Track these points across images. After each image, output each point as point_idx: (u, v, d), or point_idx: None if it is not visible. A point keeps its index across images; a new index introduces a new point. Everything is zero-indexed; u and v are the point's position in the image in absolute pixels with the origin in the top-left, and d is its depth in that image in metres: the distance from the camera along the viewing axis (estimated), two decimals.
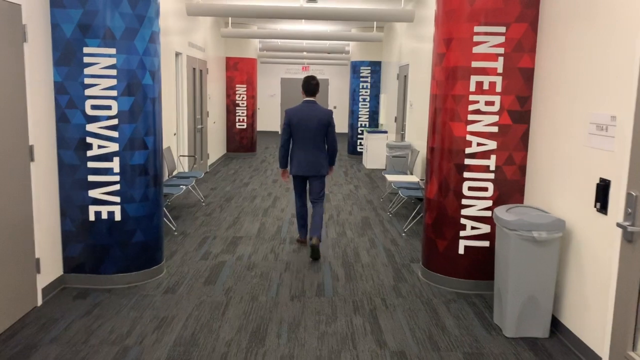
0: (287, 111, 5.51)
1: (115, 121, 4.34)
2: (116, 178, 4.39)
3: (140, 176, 4.50)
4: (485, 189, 4.46)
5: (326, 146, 5.56)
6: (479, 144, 4.42)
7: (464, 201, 4.50)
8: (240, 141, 13.78)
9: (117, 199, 4.41)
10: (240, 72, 13.47)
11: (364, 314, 4.09)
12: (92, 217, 4.40)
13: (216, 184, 9.65)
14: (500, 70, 4.32)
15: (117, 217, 4.43)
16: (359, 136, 13.91)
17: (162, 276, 4.77)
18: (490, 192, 4.46)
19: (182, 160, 9.01)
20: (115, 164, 4.38)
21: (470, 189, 4.48)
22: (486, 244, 4.52)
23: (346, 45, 16.05)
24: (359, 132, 13.86)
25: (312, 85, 5.51)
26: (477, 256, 4.54)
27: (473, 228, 4.51)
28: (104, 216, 4.41)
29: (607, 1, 3.26)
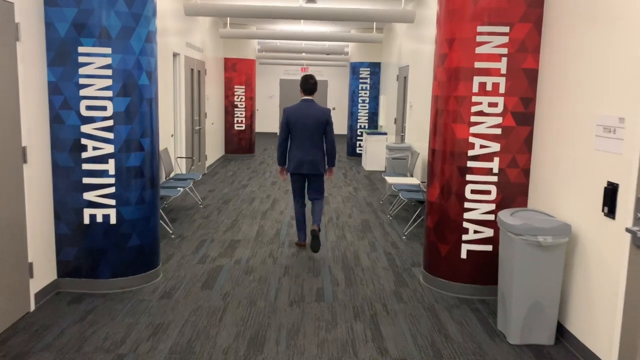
0: (285, 109, 5.56)
1: (110, 122, 4.25)
2: (111, 180, 4.30)
3: (136, 178, 4.40)
4: (488, 192, 4.37)
5: (325, 145, 5.57)
6: (481, 146, 4.33)
7: (467, 204, 4.42)
8: (239, 142, 13.69)
9: (112, 201, 4.32)
10: (239, 73, 13.39)
11: (364, 320, 4.00)
12: (86, 220, 4.31)
13: (214, 186, 9.55)
14: (503, 71, 4.23)
15: (113, 220, 4.34)
16: (358, 138, 13.83)
17: (159, 280, 4.68)
18: (493, 195, 4.37)
19: (179, 161, 8.91)
20: (110, 166, 4.28)
21: (473, 192, 4.39)
22: (489, 248, 4.43)
23: (345, 46, 15.97)
24: (358, 133, 13.77)
25: (310, 84, 5.57)
26: (480, 260, 4.45)
27: (476, 232, 4.42)
28: (99, 219, 4.32)
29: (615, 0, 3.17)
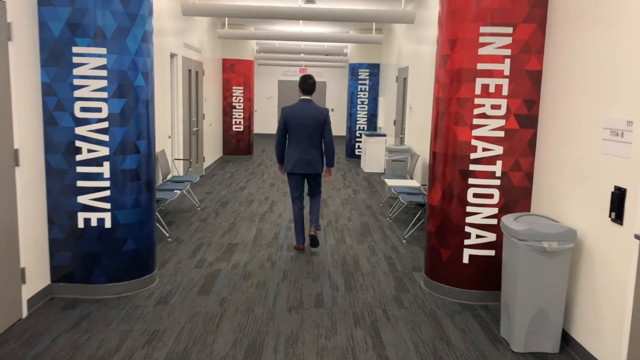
0: (284, 109, 5.58)
1: (105, 124, 4.16)
2: (106, 183, 4.21)
3: (131, 181, 4.31)
4: (491, 195, 4.29)
5: (323, 145, 5.57)
6: (484, 149, 4.25)
7: (469, 208, 4.33)
8: (237, 144, 13.59)
9: (107, 205, 4.23)
10: (237, 74, 13.30)
11: (365, 326, 3.91)
12: (81, 225, 4.21)
13: (212, 188, 9.46)
14: (507, 72, 4.15)
15: (108, 224, 4.25)
16: (357, 139, 13.75)
17: (154, 286, 4.58)
18: (496, 199, 4.29)
19: (176, 163, 8.82)
20: (105, 169, 4.19)
21: (475, 195, 4.31)
22: (492, 253, 4.35)
23: (344, 47, 15.90)
24: (357, 135, 13.69)
25: (309, 84, 5.58)
26: (482, 265, 4.36)
27: (478, 236, 4.34)
28: (94, 223, 4.22)
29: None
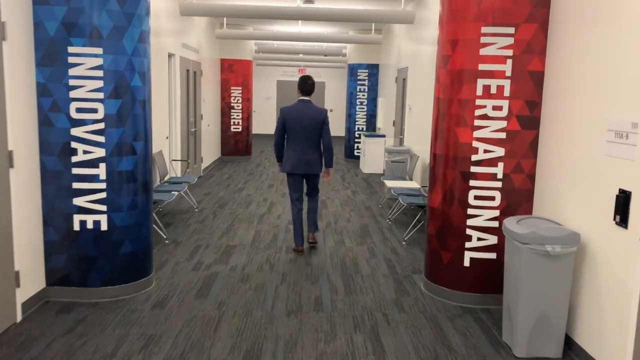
0: (282, 109, 5.55)
1: (101, 125, 4.09)
2: (102, 185, 4.15)
3: (128, 183, 4.25)
4: (492, 198, 4.24)
5: (322, 146, 5.54)
6: (485, 151, 4.20)
7: (470, 211, 4.28)
8: (235, 144, 13.53)
9: (103, 207, 4.17)
10: (236, 74, 13.24)
11: (364, 331, 3.85)
12: (76, 227, 4.15)
13: (210, 189, 9.39)
14: (508, 73, 4.10)
15: (104, 226, 4.18)
16: (356, 140, 13.69)
17: (151, 289, 4.52)
18: (497, 202, 4.24)
19: (174, 164, 8.76)
20: (101, 171, 4.13)
21: (477, 198, 4.25)
22: (493, 255, 4.29)
23: (343, 48, 15.84)
24: (356, 135, 13.64)
25: (308, 85, 5.56)
26: (483, 269, 4.31)
27: (479, 239, 4.29)
28: (90, 226, 4.16)
29: None
